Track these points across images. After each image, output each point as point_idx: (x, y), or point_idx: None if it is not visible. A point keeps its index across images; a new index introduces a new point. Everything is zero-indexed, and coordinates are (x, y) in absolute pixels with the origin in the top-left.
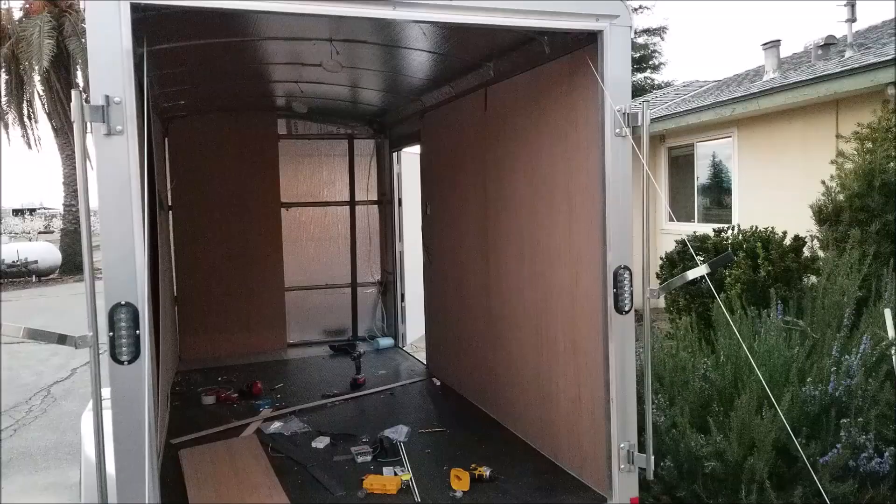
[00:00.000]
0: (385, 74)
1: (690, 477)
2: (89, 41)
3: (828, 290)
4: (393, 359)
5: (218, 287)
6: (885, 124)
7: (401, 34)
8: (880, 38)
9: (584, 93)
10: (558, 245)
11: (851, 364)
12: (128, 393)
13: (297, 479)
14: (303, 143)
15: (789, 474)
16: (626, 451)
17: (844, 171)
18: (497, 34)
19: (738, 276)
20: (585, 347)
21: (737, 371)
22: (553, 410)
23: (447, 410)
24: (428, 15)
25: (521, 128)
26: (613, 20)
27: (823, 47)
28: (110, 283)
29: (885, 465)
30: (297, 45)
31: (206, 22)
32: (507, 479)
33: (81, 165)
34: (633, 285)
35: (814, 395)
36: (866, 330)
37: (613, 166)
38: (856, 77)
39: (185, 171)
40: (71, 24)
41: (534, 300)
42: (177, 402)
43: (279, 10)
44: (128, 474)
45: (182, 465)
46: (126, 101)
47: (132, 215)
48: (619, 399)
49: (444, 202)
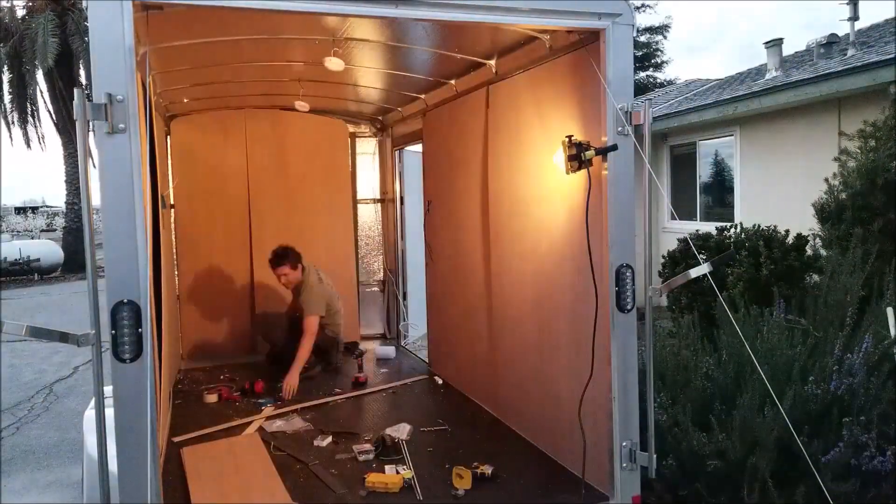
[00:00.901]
0: (387, 73)
1: (693, 475)
2: (91, 39)
3: (830, 288)
4: (395, 357)
5: (220, 285)
6: (889, 122)
7: (403, 32)
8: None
9: (586, 91)
10: (560, 243)
11: (854, 363)
12: (130, 391)
13: (299, 477)
14: None
15: (792, 473)
16: (629, 449)
17: (847, 169)
18: (499, 33)
19: (741, 274)
20: (587, 346)
21: (739, 369)
22: (555, 408)
23: (449, 408)
24: (430, 13)
25: (523, 126)
26: (616, 19)
27: (826, 46)
28: (112, 281)
29: (887, 463)
30: (299, 44)
31: (207, 20)
32: (510, 478)
33: (84, 163)
34: (635, 283)
35: (816, 394)
36: (868, 329)
37: (615, 165)
38: (858, 76)
39: (189, 170)
40: (74, 22)
41: (535, 298)
42: (179, 401)
43: (281, 9)
44: (130, 472)
45: (184, 463)
46: (128, 100)
47: (134, 213)
48: (621, 397)
49: (446, 200)
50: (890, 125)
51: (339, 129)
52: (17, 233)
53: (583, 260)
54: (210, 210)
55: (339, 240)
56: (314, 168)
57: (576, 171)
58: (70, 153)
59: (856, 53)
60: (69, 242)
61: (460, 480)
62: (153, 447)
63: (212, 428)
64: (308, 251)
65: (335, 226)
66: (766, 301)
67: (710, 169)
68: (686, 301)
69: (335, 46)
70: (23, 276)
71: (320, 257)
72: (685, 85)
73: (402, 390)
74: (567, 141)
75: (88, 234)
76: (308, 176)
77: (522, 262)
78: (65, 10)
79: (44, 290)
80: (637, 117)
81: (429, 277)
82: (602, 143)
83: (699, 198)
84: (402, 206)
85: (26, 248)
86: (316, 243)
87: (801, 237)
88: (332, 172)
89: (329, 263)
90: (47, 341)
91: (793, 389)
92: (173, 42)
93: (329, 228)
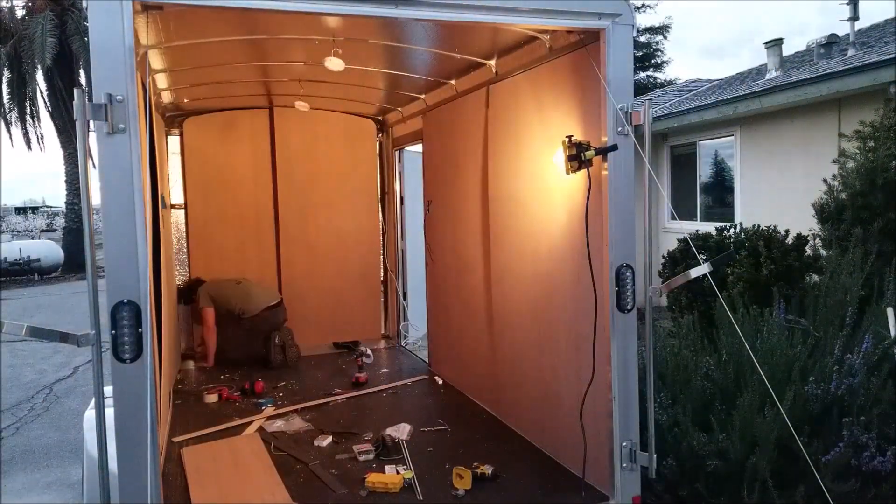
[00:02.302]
0: (387, 73)
1: (693, 476)
2: (91, 39)
3: (830, 288)
4: (395, 357)
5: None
6: (887, 122)
7: (403, 33)
8: (882, 37)
9: (586, 91)
10: (560, 243)
11: (853, 363)
12: (130, 391)
13: (300, 477)
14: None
15: (792, 473)
16: (629, 449)
17: (847, 169)
18: (499, 32)
19: (741, 274)
20: (587, 346)
21: (739, 369)
22: (555, 408)
23: (449, 409)
24: (430, 14)
25: (523, 126)
26: (616, 19)
27: (826, 46)
28: (112, 281)
29: (887, 463)
30: (299, 44)
31: (207, 20)
32: (510, 478)
33: (83, 163)
34: (635, 284)
35: (816, 394)
36: (868, 329)
37: (615, 165)
38: (858, 76)
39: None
40: (73, 22)
41: (535, 298)
42: (179, 401)
43: (281, 9)
44: (130, 472)
45: (184, 464)
46: (128, 100)
47: (134, 213)
48: (621, 397)
49: (446, 200)
50: (888, 125)
51: (367, 127)
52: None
53: (583, 260)
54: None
55: (365, 240)
56: (342, 167)
57: (576, 171)
58: (70, 153)
59: (856, 53)
60: (69, 242)
61: (460, 480)
62: (153, 447)
63: (212, 428)
64: (335, 250)
65: (361, 225)
66: (766, 301)
67: (711, 169)
68: (686, 301)
69: (335, 46)
70: (23, 276)
71: (348, 257)
72: (685, 85)
73: (403, 390)
74: (567, 141)
75: (88, 235)
76: (335, 175)
77: (522, 261)
78: (64, 11)
79: (44, 290)
80: (637, 117)
81: (429, 277)
82: (602, 143)
83: (699, 198)
84: (402, 205)
85: (26, 248)
86: (343, 243)
87: (801, 237)
88: (359, 172)
89: (356, 262)
90: (47, 341)
91: (793, 389)
92: (173, 42)
93: (356, 228)
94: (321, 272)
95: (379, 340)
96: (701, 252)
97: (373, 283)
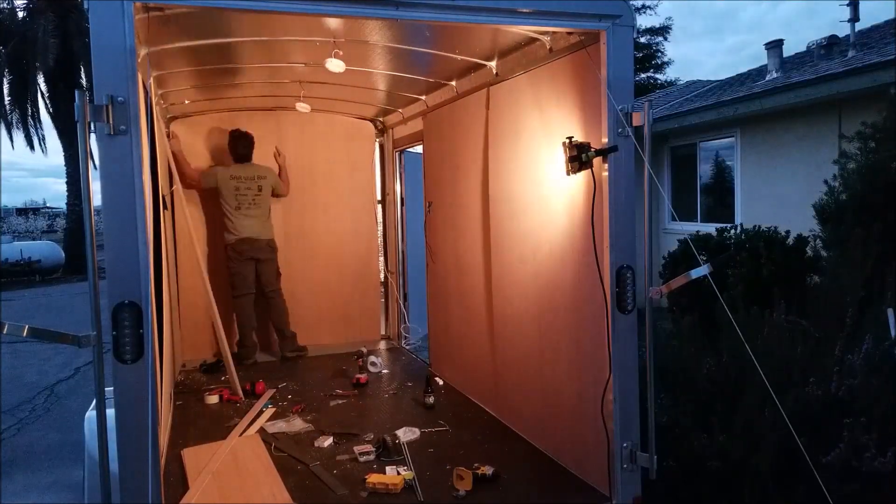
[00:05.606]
0: (388, 74)
1: (693, 476)
2: (93, 41)
3: (830, 289)
4: (396, 358)
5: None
6: (888, 124)
7: (403, 34)
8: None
9: (586, 92)
10: (560, 244)
11: (854, 363)
12: (131, 392)
13: (300, 478)
14: None
15: (792, 474)
16: (629, 450)
17: (847, 170)
18: (499, 34)
19: (741, 275)
20: (588, 346)
21: (739, 370)
22: (555, 409)
23: (450, 409)
24: (431, 15)
25: (523, 127)
26: (616, 20)
27: (826, 47)
28: (114, 283)
29: (888, 464)
30: (299, 45)
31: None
32: (510, 479)
33: (85, 165)
34: (635, 285)
35: (817, 395)
36: (869, 330)
37: (616, 166)
38: (858, 77)
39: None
40: (74, 23)
41: (536, 299)
42: (180, 402)
43: (281, 10)
44: (131, 473)
45: (185, 464)
46: (129, 101)
47: (135, 214)
48: (621, 398)
49: (446, 201)
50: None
51: (366, 129)
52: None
53: (583, 261)
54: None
55: (364, 241)
56: (340, 168)
57: (576, 172)
58: (71, 155)
59: (856, 54)
60: (70, 244)
61: (461, 481)
62: (154, 448)
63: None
64: (333, 251)
65: (359, 226)
66: (766, 302)
67: (711, 170)
68: (686, 302)
69: (336, 48)
70: (24, 277)
71: (344, 257)
72: (686, 86)
73: (403, 391)
74: (567, 142)
75: (89, 236)
76: (334, 176)
77: (523, 262)
78: (66, 12)
79: (45, 291)
80: (637, 118)
81: (429, 278)
82: (602, 144)
83: (700, 199)
84: (402, 207)
85: (28, 249)
86: (343, 244)
87: (802, 238)
88: (356, 174)
89: (356, 263)
90: (48, 342)
91: (793, 390)
92: (173, 44)
93: (353, 229)
94: (321, 273)
95: (379, 342)
96: (701, 253)
97: (372, 284)
